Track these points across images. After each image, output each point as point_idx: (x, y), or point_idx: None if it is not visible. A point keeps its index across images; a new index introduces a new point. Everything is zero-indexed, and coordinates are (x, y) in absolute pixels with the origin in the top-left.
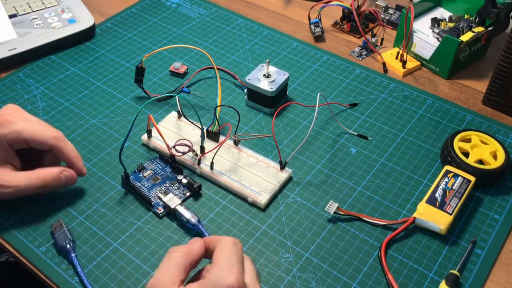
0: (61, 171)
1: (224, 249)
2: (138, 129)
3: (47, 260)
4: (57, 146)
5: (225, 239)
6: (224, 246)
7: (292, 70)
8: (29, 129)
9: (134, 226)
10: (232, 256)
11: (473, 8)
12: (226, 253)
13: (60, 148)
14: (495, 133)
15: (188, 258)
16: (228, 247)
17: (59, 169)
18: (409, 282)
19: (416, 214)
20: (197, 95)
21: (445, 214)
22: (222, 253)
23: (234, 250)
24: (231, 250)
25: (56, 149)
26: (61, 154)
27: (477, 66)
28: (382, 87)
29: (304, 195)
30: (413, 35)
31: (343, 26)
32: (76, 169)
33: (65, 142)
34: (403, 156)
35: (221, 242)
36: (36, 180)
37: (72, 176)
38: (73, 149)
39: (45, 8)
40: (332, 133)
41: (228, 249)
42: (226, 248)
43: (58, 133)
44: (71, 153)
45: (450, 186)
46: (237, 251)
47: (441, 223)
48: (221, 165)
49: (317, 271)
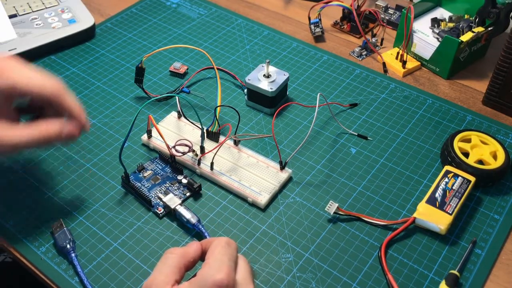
0: (63, 125)
1: (216, 248)
2: (138, 129)
3: (47, 260)
4: (57, 98)
5: (219, 239)
6: (216, 245)
7: (292, 70)
8: (25, 80)
9: (134, 226)
10: (223, 254)
11: (473, 8)
12: (217, 252)
13: (60, 101)
14: (495, 133)
15: (183, 259)
16: (220, 246)
17: (60, 123)
18: (409, 282)
19: (416, 214)
20: (197, 95)
21: (445, 214)
22: (214, 252)
23: (226, 249)
24: (222, 249)
25: (55, 103)
26: (62, 108)
27: (477, 66)
28: (382, 87)
29: (304, 195)
30: (413, 35)
31: (343, 26)
32: (79, 124)
33: (65, 95)
34: (403, 156)
35: (214, 242)
36: (37, 134)
37: (74, 131)
38: (74, 102)
39: (45, 8)
40: (332, 133)
41: (220, 248)
42: (218, 247)
43: (58, 84)
44: (72, 106)
45: (450, 186)
46: (229, 250)
47: (441, 223)
48: (221, 165)
49: (317, 271)
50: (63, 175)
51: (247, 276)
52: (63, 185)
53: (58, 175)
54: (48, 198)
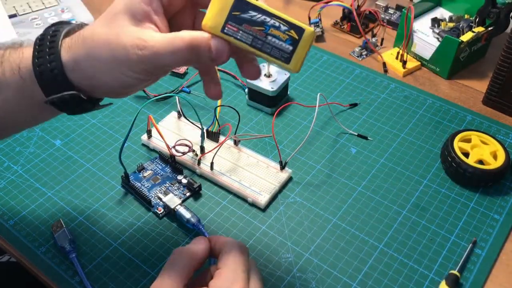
0: (212, 37)
1: (230, 257)
2: (138, 129)
3: (47, 260)
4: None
5: (231, 244)
6: (230, 252)
7: None
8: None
9: (134, 226)
10: (238, 265)
11: (473, 8)
12: (231, 262)
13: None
14: (495, 133)
15: (192, 261)
16: (234, 254)
17: (208, 35)
18: (409, 282)
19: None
20: (197, 95)
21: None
22: (227, 262)
23: (240, 257)
24: (236, 257)
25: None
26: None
27: (477, 66)
28: (382, 87)
29: (304, 195)
30: (413, 35)
31: (343, 26)
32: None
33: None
34: (403, 156)
35: (227, 247)
36: (180, 42)
37: (225, 47)
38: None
39: (45, 8)
40: (332, 133)
41: (234, 257)
42: (232, 256)
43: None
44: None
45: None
46: (243, 258)
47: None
48: (221, 165)
49: (317, 271)
50: (63, 175)
51: (258, 285)
52: (63, 185)
53: (58, 175)
54: (48, 198)
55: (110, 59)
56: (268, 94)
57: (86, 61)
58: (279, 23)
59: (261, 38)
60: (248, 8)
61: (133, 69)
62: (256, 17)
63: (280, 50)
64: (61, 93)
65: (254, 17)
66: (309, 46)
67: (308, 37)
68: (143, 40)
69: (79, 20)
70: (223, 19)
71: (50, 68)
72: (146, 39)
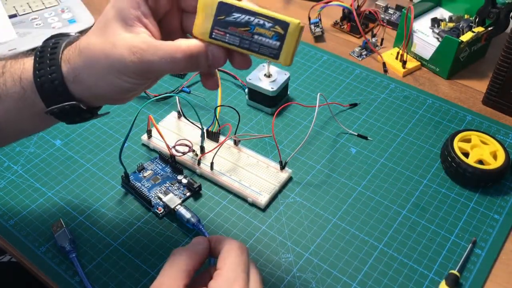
0: (208, 45)
1: (230, 257)
2: (138, 129)
3: (47, 260)
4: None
5: (231, 243)
6: (229, 252)
7: (292, 70)
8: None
9: (134, 226)
10: (237, 265)
11: (473, 8)
12: (230, 262)
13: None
14: (495, 133)
15: (192, 261)
16: (234, 254)
17: (204, 43)
18: (409, 282)
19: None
20: (197, 95)
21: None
22: (227, 262)
23: (240, 258)
24: (236, 258)
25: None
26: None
27: (477, 66)
28: (382, 87)
29: (304, 195)
30: (413, 35)
31: (343, 26)
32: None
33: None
34: (403, 156)
35: (226, 246)
36: (178, 53)
37: (221, 53)
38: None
39: (45, 8)
40: (332, 133)
41: (233, 257)
42: (232, 256)
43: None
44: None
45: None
46: (242, 258)
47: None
48: (221, 165)
49: (317, 271)
50: (63, 175)
51: (258, 285)
52: (63, 185)
53: (58, 175)
54: (48, 198)
55: (108, 68)
56: (268, 94)
57: (85, 71)
58: (264, 21)
59: (248, 38)
60: (232, 11)
61: (131, 76)
62: (240, 18)
63: (268, 47)
64: (61, 103)
65: (238, 18)
66: (297, 38)
67: (294, 30)
68: (140, 49)
69: (79, 20)
70: (209, 25)
71: (51, 79)
72: (142, 47)
